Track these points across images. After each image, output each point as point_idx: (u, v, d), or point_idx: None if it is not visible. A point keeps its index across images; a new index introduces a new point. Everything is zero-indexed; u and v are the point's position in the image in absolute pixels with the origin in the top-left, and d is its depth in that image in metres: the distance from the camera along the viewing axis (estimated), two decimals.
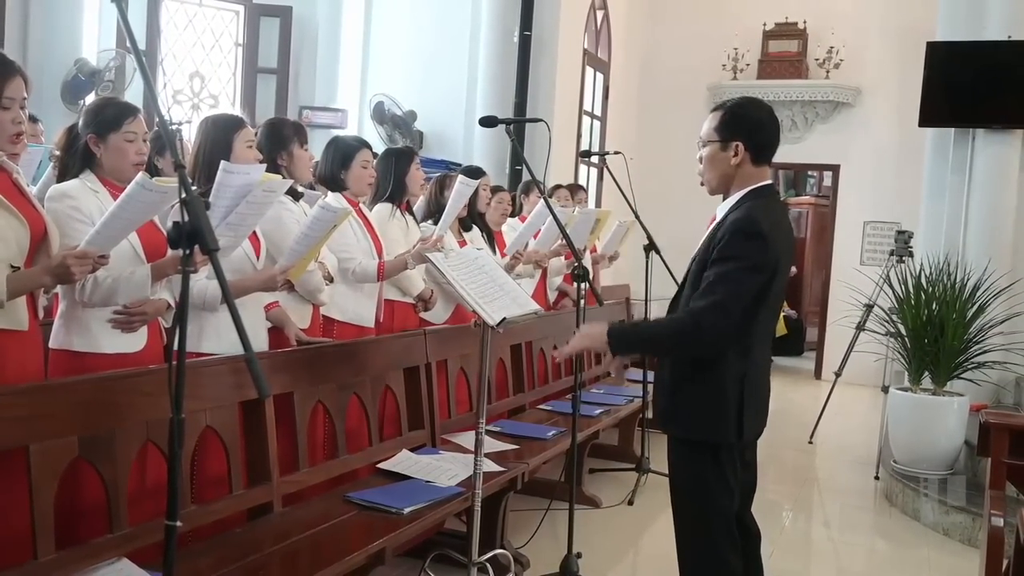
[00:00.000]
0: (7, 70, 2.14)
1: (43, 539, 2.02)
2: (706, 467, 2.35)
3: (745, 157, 2.36)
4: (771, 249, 2.26)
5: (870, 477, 5.35)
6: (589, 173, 8.72)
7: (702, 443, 2.35)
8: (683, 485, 2.42)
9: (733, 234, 2.27)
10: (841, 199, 9.19)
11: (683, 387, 2.38)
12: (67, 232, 2.34)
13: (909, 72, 7.53)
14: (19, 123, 2.18)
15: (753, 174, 2.38)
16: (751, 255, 2.23)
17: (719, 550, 2.36)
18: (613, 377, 5.38)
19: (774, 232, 2.29)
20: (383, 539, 2.51)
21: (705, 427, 2.34)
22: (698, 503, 2.38)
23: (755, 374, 2.36)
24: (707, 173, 2.43)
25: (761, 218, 2.28)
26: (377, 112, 7.48)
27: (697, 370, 2.34)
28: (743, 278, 2.23)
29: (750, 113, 2.40)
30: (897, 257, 5.91)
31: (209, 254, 1.62)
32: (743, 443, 2.41)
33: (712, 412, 2.32)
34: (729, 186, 2.41)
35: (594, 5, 8.37)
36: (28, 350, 2.24)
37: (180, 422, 1.62)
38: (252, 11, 7.69)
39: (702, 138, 2.44)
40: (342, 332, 3.47)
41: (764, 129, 2.39)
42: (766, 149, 2.39)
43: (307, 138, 3.33)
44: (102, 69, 6.09)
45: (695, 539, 2.40)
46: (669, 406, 2.43)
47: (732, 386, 2.30)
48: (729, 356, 2.30)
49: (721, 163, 2.39)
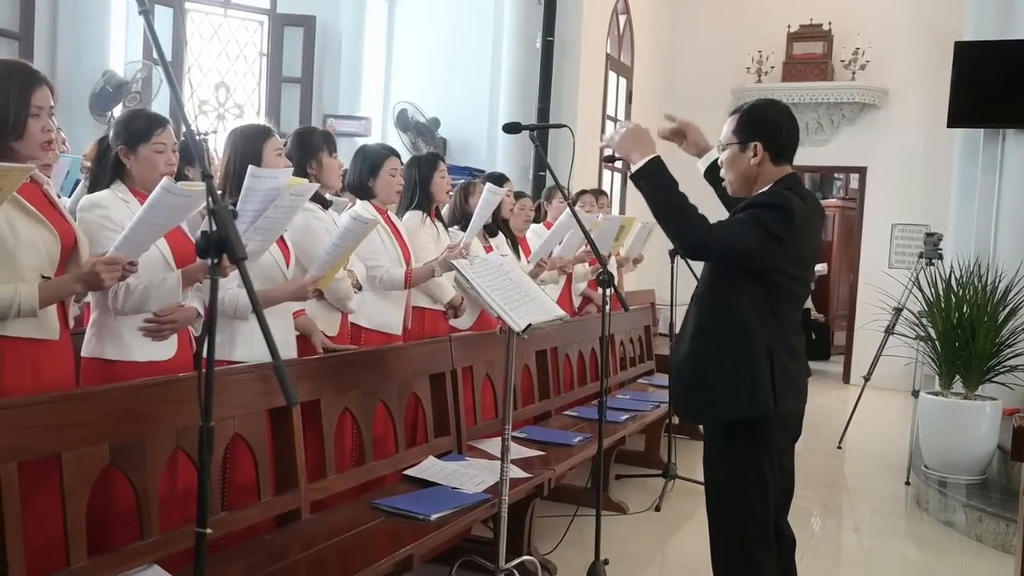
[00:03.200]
0: (33, 79, 2.18)
1: (75, 546, 2.05)
2: (741, 464, 2.34)
3: (764, 157, 2.38)
4: (794, 228, 2.27)
5: (901, 482, 5.27)
6: (613, 178, 8.70)
7: (736, 431, 2.34)
8: (718, 483, 2.42)
9: (762, 203, 2.31)
10: (868, 201, 9.09)
11: (709, 371, 2.38)
12: (98, 241, 2.37)
13: (937, 72, 7.45)
14: (48, 131, 2.21)
15: (774, 172, 2.40)
16: (773, 222, 2.26)
17: (753, 552, 2.35)
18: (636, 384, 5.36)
19: (801, 216, 2.30)
20: (410, 546, 2.51)
21: (740, 404, 2.33)
22: (733, 502, 2.37)
23: (784, 354, 2.35)
24: (729, 175, 2.46)
25: (790, 197, 2.30)
26: (401, 120, 7.52)
27: (721, 350, 2.35)
28: (759, 232, 2.26)
29: (767, 113, 2.43)
30: (926, 259, 5.84)
31: (237, 263, 1.64)
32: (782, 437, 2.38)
33: (744, 386, 2.31)
34: (752, 187, 2.42)
35: (616, 10, 8.36)
36: (60, 359, 2.26)
37: (210, 430, 1.63)
38: (276, 21, 7.77)
39: (722, 142, 2.46)
40: (369, 339, 3.48)
41: (782, 128, 2.41)
42: (785, 148, 2.41)
43: (336, 146, 3.35)
44: (129, 81, 6.17)
45: (729, 540, 2.39)
46: (699, 393, 2.43)
47: (761, 358, 2.30)
48: (756, 335, 2.31)
49: (741, 164, 2.41)
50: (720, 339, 2.37)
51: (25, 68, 2.21)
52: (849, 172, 10.46)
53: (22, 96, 2.14)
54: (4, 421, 1.92)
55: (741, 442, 2.34)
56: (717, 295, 2.41)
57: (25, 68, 2.21)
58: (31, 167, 1.98)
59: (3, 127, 2.11)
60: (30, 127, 2.15)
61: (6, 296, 2.06)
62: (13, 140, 2.13)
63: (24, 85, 2.15)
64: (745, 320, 2.32)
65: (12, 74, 2.16)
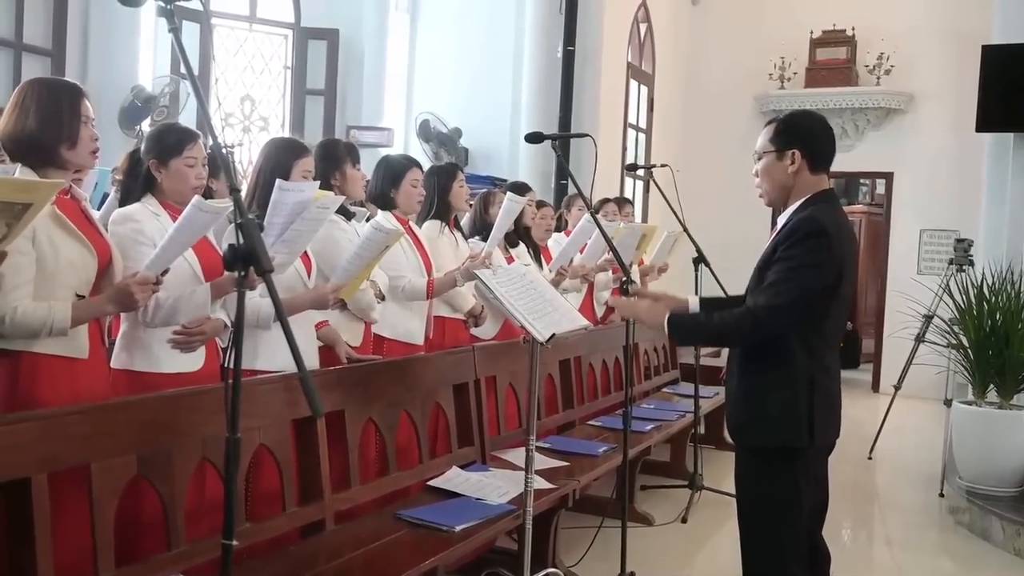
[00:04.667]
0: (79, 90, 2.28)
1: (104, 556, 2.06)
2: (777, 480, 2.32)
3: (802, 165, 2.36)
4: (835, 249, 2.26)
5: (934, 494, 5.17)
6: (635, 186, 8.67)
7: (774, 452, 2.32)
8: (752, 498, 2.39)
9: (795, 233, 2.28)
10: (895, 207, 8.99)
11: (752, 396, 2.37)
12: (130, 255, 2.40)
13: (964, 76, 7.36)
14: (95, 139, 2.30)
15: (811, 182, 2.38)
16: (813, 254, 2.24)
17: (787, 567, 2.31)
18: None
19: (838, 233, 2.28)
20: (435, 557, 2.50)
21: (777, 432, 2.31)
22: (767, 517, 2.34)
23: (824, 379, 2.33)
24: (764, 184, 2.43)
25: (825, 219, 2.28)
26: (423, 130, 7.55)
27: (766, 377, 2.34)
28: (805, 276, 2.24)
29: (804, 122, 2.43)
30: (957, 266, 5.74)
31: (263, 275, 1.65)
32: (815, 451, 2.36)
33: (783, 417, 2.30)
34: (787, 197, 2.40)
35: (637, 18, 8.36)
36: (94, 375, 2.29)
37: (237, 441, 1.64)
38: (300, 34, 7.85)
39: (757, 151, 2.44)
40: (391, 349, 3.48)
41: (819, 137, 2.40)
42: (823, 156, 2.40)
43: (359, 157, 3.37)
44: (157, 95, 6.26)
45: (762, 554, 2.36)
46: (742, 417, 2.41)
47: (802, 389, 2.29)
48: (797, 359, 2.29)
49: (778, 173, 2.39)
50: (760, 363, 2.35)
51: (70, 82, 2.33)
52: (875, 177, 10.37)
53: (73, 106, 2.23)
54: (34, 432, 1.95)
55: (777, 461, 2.32)
56: None
57: (70, 82, 2.33)
58: (61, 182, 2.02)
59: (58, 135, 2.19)
60: (82, 135, 2.23)
61: (40, 315, 2.10)
62: (66, 148, 2.21)
63: (74, 96, 2.25)
64: (788, 344, 2.29)
65: (60, 87, 2.27)
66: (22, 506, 1.91)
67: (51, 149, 2.19)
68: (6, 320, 2.06)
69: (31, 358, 2.14)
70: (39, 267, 2.13)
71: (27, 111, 2.18)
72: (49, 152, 2.19)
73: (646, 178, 8.42)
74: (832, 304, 2.32)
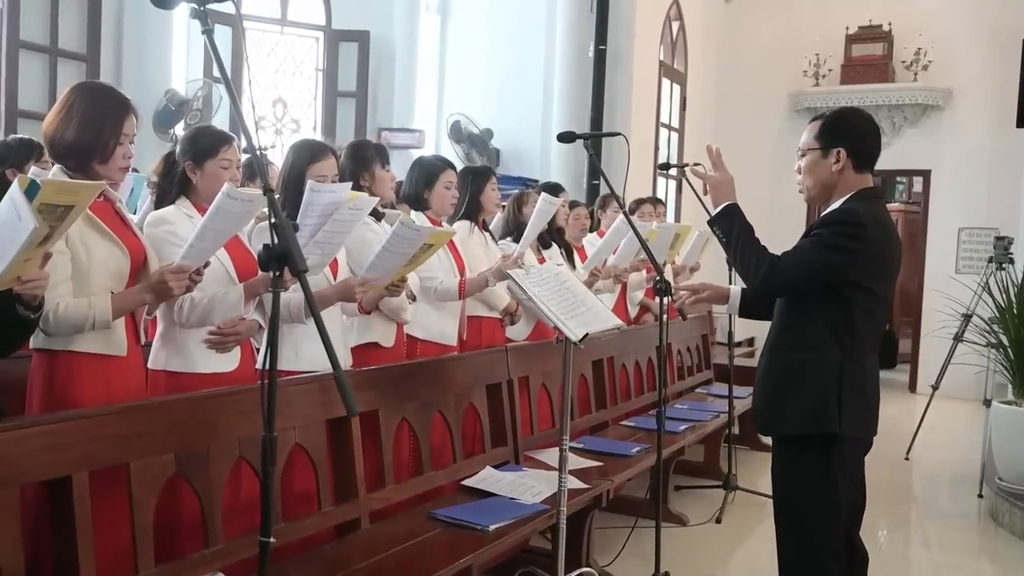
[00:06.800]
0: (126, 108, 2.28)
1: (143, 554, 2.09)
2: (813, 473, 2.30)
3: (847, 163, 2.34)
4: (867, 241, 2.24)
5: (973, 495, 5.08)
6: (668, 186, 8.61)
7: (808, 443, 2.31)
8: (788, 496, 2.37)
9: (827, 221, 2.30)
10: (933, 205, 8.83)
11: (782, 385, 2.36)
12: (164, 256, 2.43)
13: (1004, 72, 7.22)
14: (128, 158, 2.31)
15: (855, 181, 2.36)
16: (840, 237, 2.25)
17: (823, 566, 2.29)
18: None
19: (876, 228, 2.26)
20: (469, 556, 2.50)
21: (807, 420, 2.31)
22: (804, 516, 2.32)
23: (855, 371, 2.31)
24: (807, 181, 2.41)
25: (860, 210, 2.27)
26: (454, 131, 7.57)
27: (794, 369, 2.34)
28: (823, 253, 2.26)
29: (850, 119, 2.40)
30: (997, 264, 5.62)
31: (298, 275, 1.66)
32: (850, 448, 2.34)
33: (812, 404, 2.30)
34: (830, 195, 2.39)
35: (669, 16, 8.30)
36: (131, 373, 2.33)
37: (273, 440, 1.65)
38: (331, 37, 7.91)
39: (801, 148, 2.42)
40: (425, 351, 3.49)
41: (865, 135, 2.38)
42: (867, 155, 2.37)
43: (388, 158, 3.38)
44: (190, 99, 6.35)
45: (798, 553, 2.34)
46: (772, 407, 2.40)
47: (831, 378, 2.28)
48: (826, 353, 2.29)
49: (822, 170, 2.37)
50: (791, 353, 2.36)
51: (121, 96, 2.30)
52: (912, 175, 10.19)
53: (115, 124, 2.24)
54: (75, 431, 1.98)
55: (812, 453, 2.30)
56: (792, 309, 2.39)
57: (121, 96, 2.30)
58: (102, 184, 2.05)
59: (92, 150, 2.21)
60: (115, 153, 2.24)
61: (81, 309, 2.14)
62: (97, 162, 2.23)
63: (119, 113, 2.25)
64: (818, 335, 2.30)
65: (109, 99, 2.27)
66: (63, 504, 1.95)
67: (84, 161, 2.22)
68: (50, 317, 2.10)
69: (68, 357, 2.18)
70: (74, 267, 2.17)
71: (71, 118, 2.20)
72: (81, 163, 2.22)
73: (678, 177, 8.36)
74: (858, 299, 2.29)
